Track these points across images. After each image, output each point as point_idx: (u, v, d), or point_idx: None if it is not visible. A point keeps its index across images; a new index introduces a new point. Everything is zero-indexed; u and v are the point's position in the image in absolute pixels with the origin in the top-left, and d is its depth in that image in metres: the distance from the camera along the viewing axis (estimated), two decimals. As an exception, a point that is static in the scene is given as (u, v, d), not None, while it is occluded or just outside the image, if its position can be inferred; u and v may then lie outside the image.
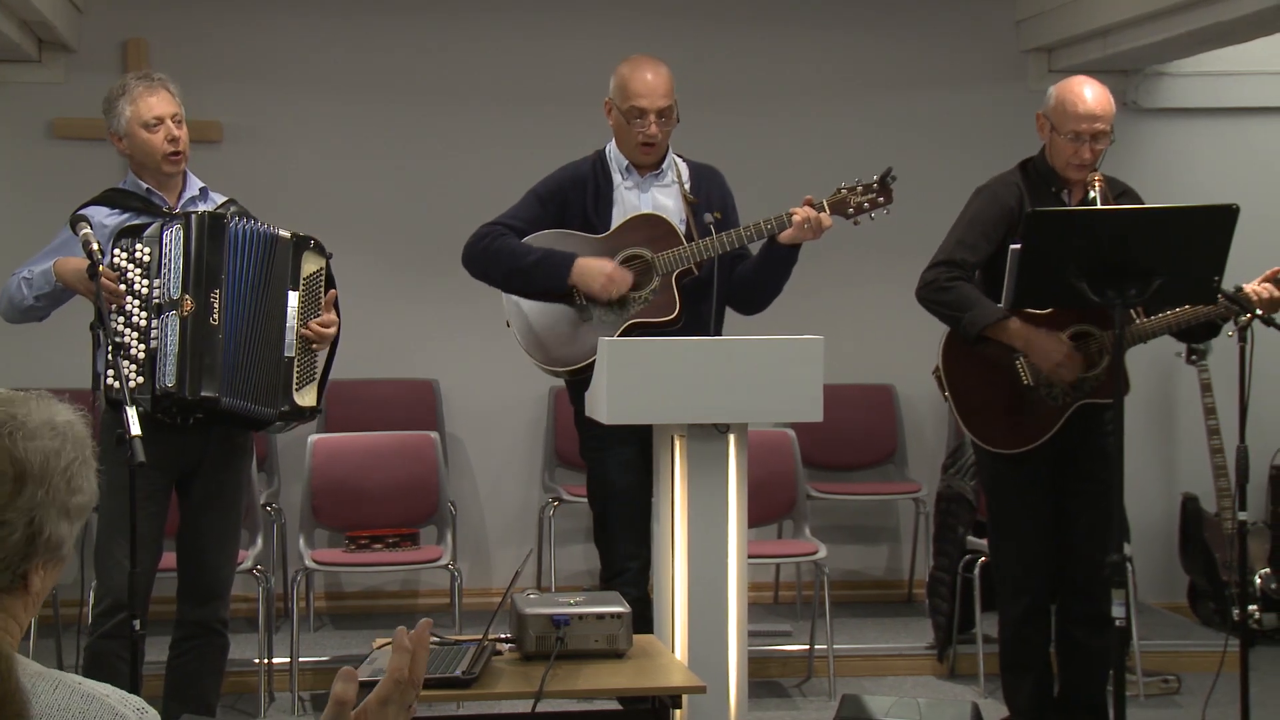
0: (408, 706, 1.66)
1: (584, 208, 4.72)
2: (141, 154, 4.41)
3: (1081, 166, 4.63)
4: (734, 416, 4.19)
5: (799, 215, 4.50)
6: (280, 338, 4.34)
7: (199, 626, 4.45)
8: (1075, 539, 4.74)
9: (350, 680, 1.62)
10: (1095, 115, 4.60)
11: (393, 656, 1.65)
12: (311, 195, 6.77)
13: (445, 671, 3.52)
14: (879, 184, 4.58)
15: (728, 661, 4.18)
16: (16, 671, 1.49)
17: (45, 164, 6.75)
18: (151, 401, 4.17)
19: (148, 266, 4.24)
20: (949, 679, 6.03)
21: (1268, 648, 6.28)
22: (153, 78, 4.45)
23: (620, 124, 4.70)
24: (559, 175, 4.81)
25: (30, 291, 4.33)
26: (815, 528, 6.31)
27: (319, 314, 4.40)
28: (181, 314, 4.19)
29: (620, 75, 4.71)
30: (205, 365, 4.18)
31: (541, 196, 4.78)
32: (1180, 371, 6.89)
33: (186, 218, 4.28)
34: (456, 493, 6.80)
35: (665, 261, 4.61)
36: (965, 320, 4.63)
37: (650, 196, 4.74)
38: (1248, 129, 7.28)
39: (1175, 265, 4.18)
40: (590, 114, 6.81)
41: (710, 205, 4.71)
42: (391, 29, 6.97)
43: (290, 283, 4.36)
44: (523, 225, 4.73)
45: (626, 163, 4.74)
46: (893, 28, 7.17)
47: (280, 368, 4.32)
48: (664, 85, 4.65)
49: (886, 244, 6.00)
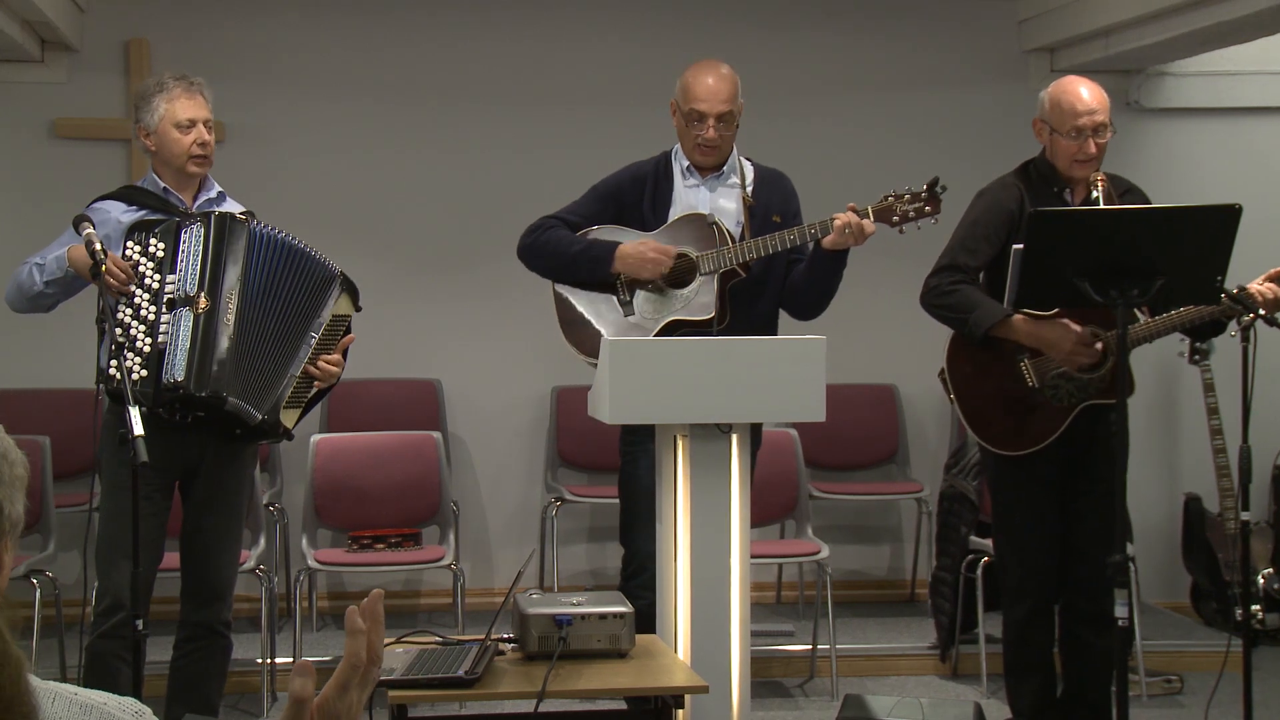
0: (369, 684, 1.63)
1: (641, 205, 4.76)
2: (168, 152, 4.42)
3: (1087, 162, 4.62)
4: (736, 416, 4.19)
5: (839, 221, 4.51)
6: (294, 354, 4.36)
7: (202, 627, 4.45)
8: (1081, 539, 4.74)
9: (308, 675, 1.59)
10: (1093, 108, 4.60)
11: (347, 640, 1.62)
12: (311, 195, 6.78)
13: (448, 672, 3.53)
14: (928, 193, 4.58)
15: (730, 661, 4.18)
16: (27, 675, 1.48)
17: (47, 164, 6.75)
18: (154, 395, 4.16)
19: (160, 261, 4.24)
20: (951, 679, 6.03)
21: (1270, 648, 6.28)
22: (190, 80, 4.47)
23: (681, 126, 4.75)
24: (621, 173, 4.85)
25: (41, 277, 4.31)
26: (818, 527, 6.32)
27: (332, 352, 4.42)
28: (196, 311, 4.20)
29: (684, 78, 4.75)
30: (215, 362, 4.19)
31: (600, 193, 4.83)
32: (1183, 371, 6.89)
33: (207, 217, 4.29)
34: (459, 493, 6.80)
35: (709, 261, 4.63)
36: (970, 321, 4.63)
37: (710, 197, 4.76)
38: (1249, 129, 7.28)
39: (1178, 265, 4.17)
40: (592, 114, 6.86)
41: (770, 209, 4.74)
42: (391, 29, 6.97)
43: (322, 313, 4.40)
44: (578, 220, 4.78)
45: (688, 163, 4.77)
46: (894, 28, 7.17)
47: (282, 380, 4.34)
48: (726, 90, 4.68)
49: (888, 244, 5.96)
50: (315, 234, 4.53)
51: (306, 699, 1.58)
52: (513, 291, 4.83)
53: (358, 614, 1.62)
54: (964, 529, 6.04)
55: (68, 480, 6.22)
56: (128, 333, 4.19)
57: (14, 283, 4.40)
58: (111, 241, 4.30)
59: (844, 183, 4.67)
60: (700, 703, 3.95)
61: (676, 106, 4.77)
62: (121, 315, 4.20)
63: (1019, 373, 4.69)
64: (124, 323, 4.20)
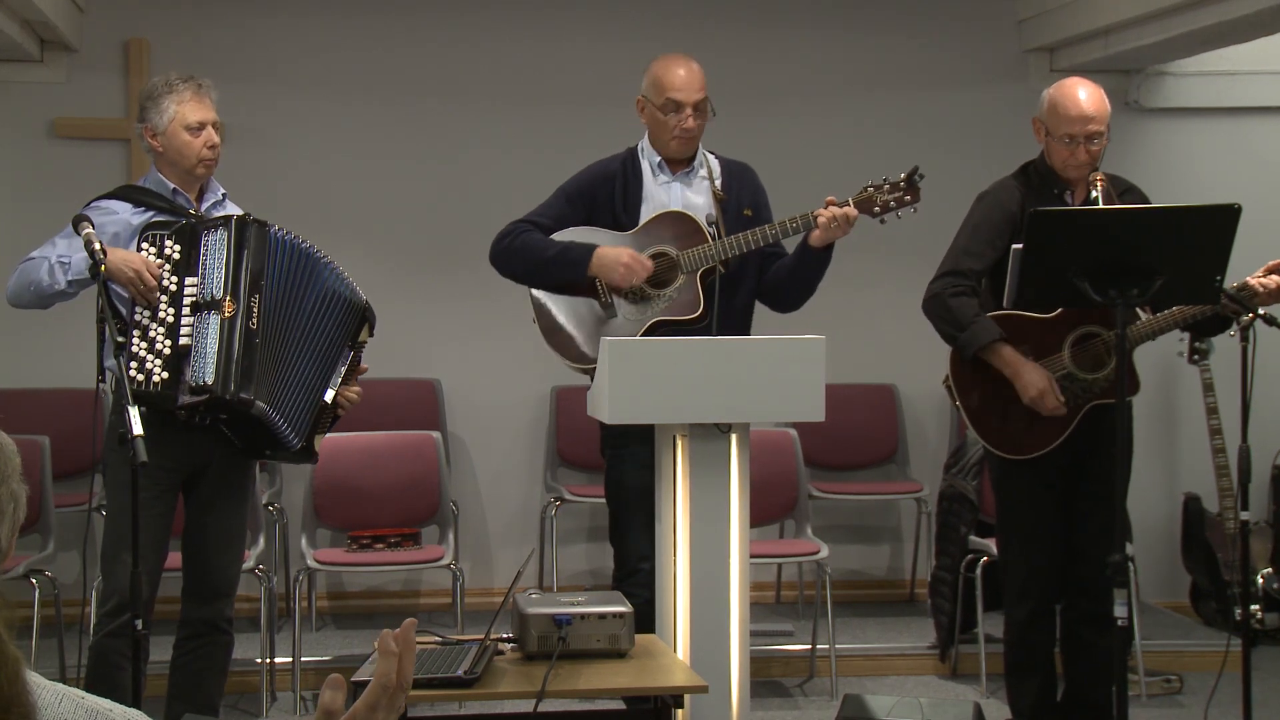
0: (397, 708, 1.65)
1: (612, 204, 4.73)
2: (177, 155, 4.41)
3: (1079, 168, 4.63)
4: (736, 416, 4.19)
5: (823, 216, 4.51)
6: (328, 381, 4.38)
7: (204, 625, 4.45)
8: (1084, 540, 4.73)
9: (339, 689, 1.61)
10: (1089, 117, 4.59)
11: (379, 661, 1.64)
12: (311, 195, 6.78)
13: (447, 671, 3.52)
14: (906, 182, 4.57)
15: (730, 661, 4.17)
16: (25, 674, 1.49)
17: (46, 164, 6.75)
18: (176, 397, 4.16)
19: (177, 264, 4.24)
20: (951, 679, 6.03)
21: (1270, 648, 6.28)
22: (199, 82, 4.46)
23: (655, 119, 4.71)
24: (588, 172, 4.81)
25: (66, 276, 4.26)
26: (817, 527, 6.32)
27: (354, 380, 4.47)
28: (223, 315, 4.19)
29: (653, 72, 4.73)
30: (243, 366, 4.18)
31: (569, 194, 4.78)
32: (1182, 371, 6.89)
33: (228, 220, 4.29)
34: (458, 492, 6.80)
35: (690, 259, 4.61)
36: (960, 340, 4.64)
37: (680, 194, 4.74)
38: (1249, 129, 7.28)
39: (1177, 265, 4.17)
40: (591, 114, 6.85)
41: (741, 202, 4.72)
42: (391, 29, 6.97)
43: (351, 340, 4.44)
44: (549, 222, 4.73)
45: (659, 159, 4.74)
46: (894, 28, 7.17)
47: (315, 406, 4.36)
48: (697, 80, 4.68)
49: (888, 244, 6.00)
50: (315, 234, 4.53)
51: (336, 712, 1.60)
52: (513, 291, 4.82)
53: (391, 638, 1.64)
54: (963, 529, 6.04)
55: (67, 480, 6.22)
56: (146, 334, 4.19)
57: (23, 278, 4.33)
58: (122, 241, 4.30)
59: (844, 183, 4.64)
60: (700, 703, 3.95)
61: (646, 101, 4.72)
62: (139, 317, 4.19)
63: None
64: (141, 324, 4.19)
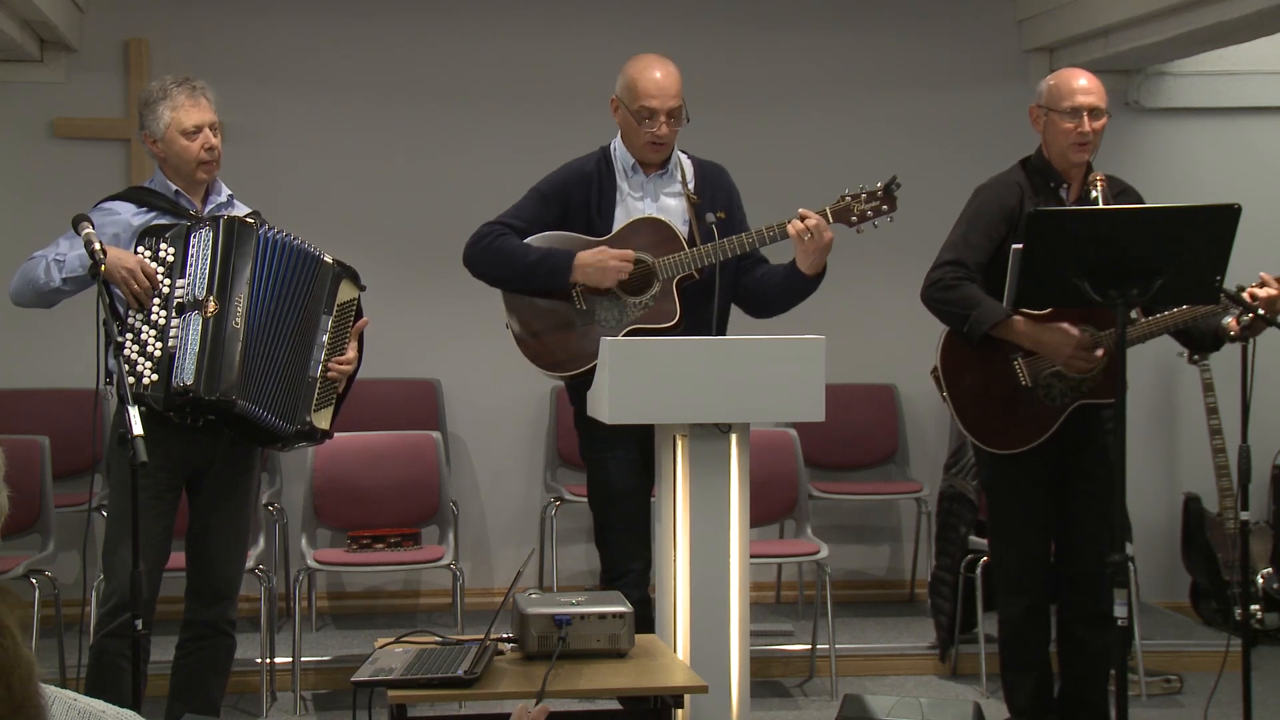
0: None
1: (588, 207, 4.66)
2: (177, 160, 4.41)
3: (1083, 145, 4.62)
4: (736, 416, 4.19)
5: (794, 229, 4.44)
6: (308, 357, 4.37)
7: (207, 627, 4.45)
8: (1076, 537, 4.75)
9: None
10: (1089, 90, 4.63)
11: None
12: (311, 195, 6.78)
13: (447, 671, 3.53)
14: (884, 192, 4.52)
15: (730, 661, 4.18)
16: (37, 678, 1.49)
17: (46, 164, 6.75)
18: (165, 399, 4.16)
19: (171, 266, 4.25)
20: (951, 679, 6.03)
21: (1270, 648, 6.28)
22: (194, 85, 4.44)
23: (629, 123, 4.63)
24: (562, 173, 4.74)
25: (61, 274, 4.27)
26: (817, 527, 6.32)
27: (345, 344, 4.44)
28: (205, 314, 4.20)
29: (628, 74, 4.64)
30: (224, 365, 4.19)
31: (544, 194, 4.70)
32: (1182, 371, 6.89)
33: (216, 221, 4.30)
34: (458, 492, 6.81)
35: (667, 266, 4.57)
36: (971, 319, 4.62)
37: (654, 199, 4.68)
38: (1248, 129, 7.28)
39: (1177, 265, 4.17)
40: (591, 114, 6.82)
41: (715, 204, 4.65)
42: (391, 29, 6.97)
43: (325, 306, 4.41)
44: (524, 224, 4.67)
45: (632, 162, 4.67)
46: (894, 28, 7.17)
47: (303, 385, 4.35)
48: (673, 85, 4.59)
49: (888, 244, 5.99)
50: (315, 234, 4.53)
51: None
52: (512, 292, 4.83)
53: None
54: (963, 529, 6.05)
55: (67, 480, 6.21)
56: (138, 337, 4.19)
57: (23, 277, 4.36)
58: (121, 242, 4.30)
59: (843, 182, 4.64)
60: (700, 703, 3.95)
61: (620, 103, 4.65)
62: (132, 320, 4.20)
63: (1012, 371, 4.69)
64: (134, 326, 4.20)
